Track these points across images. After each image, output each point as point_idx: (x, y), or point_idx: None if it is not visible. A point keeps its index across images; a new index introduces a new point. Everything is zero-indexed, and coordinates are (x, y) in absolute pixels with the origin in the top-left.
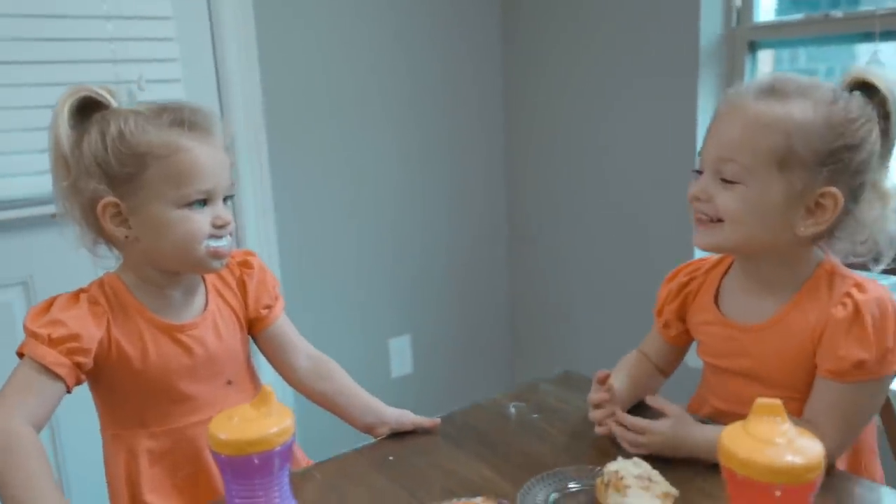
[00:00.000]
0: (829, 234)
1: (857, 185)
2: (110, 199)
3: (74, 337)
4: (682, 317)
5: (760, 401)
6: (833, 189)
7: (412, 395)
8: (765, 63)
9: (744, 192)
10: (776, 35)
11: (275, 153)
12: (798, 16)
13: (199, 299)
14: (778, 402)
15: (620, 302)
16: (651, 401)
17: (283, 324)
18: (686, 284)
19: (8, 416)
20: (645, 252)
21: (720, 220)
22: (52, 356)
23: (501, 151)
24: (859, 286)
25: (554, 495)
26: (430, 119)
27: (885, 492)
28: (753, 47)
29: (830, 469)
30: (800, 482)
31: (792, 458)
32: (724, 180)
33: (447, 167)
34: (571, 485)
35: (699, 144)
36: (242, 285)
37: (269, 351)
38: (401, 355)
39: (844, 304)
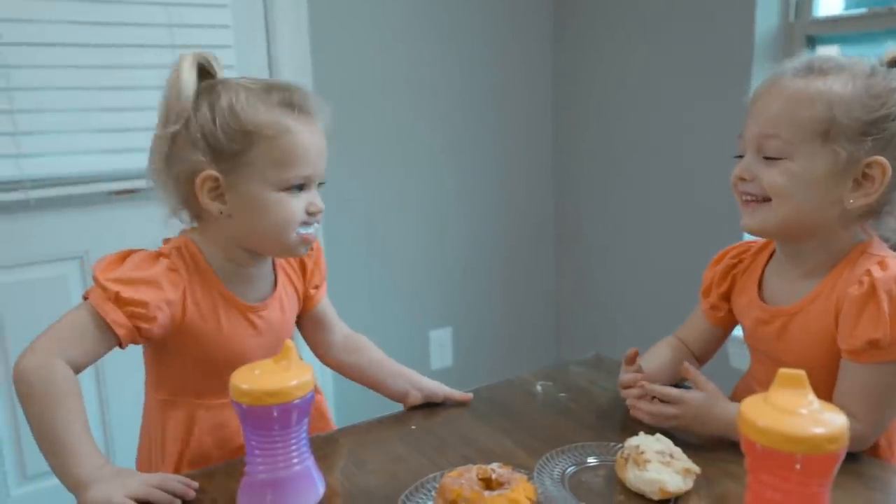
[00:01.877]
0: (877, 209)
1: None
2: (212, 172)
3: (142, 304)
4: (728, 298)
5: (783, 371)
6: (880, 158)
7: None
8: None
9: (789, 167)
10: (836, 30)
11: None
12: (860, 10)
13: (270, 277)
14: (801, 372)
15: (667, 302)
16: (687, 371)
17: (326, 303)
18: (734, 266)
19: (52, 353)
20: (693, 253)
21: (767, 200)
22: (114, 314)
23: (550, 148)
24: (882, 263)
25: (572, 468)
26: (479, 114)
27: None
28: (812, 42)
29: (859, 454)
30: (821, 453)
31: (813, 428)
32: (768, 158)
33: (495, 162)
34: (591, 459)
35: None
36: (303, 264)
37: (309, 329)
38: (441, 347)
39: (861, 282)
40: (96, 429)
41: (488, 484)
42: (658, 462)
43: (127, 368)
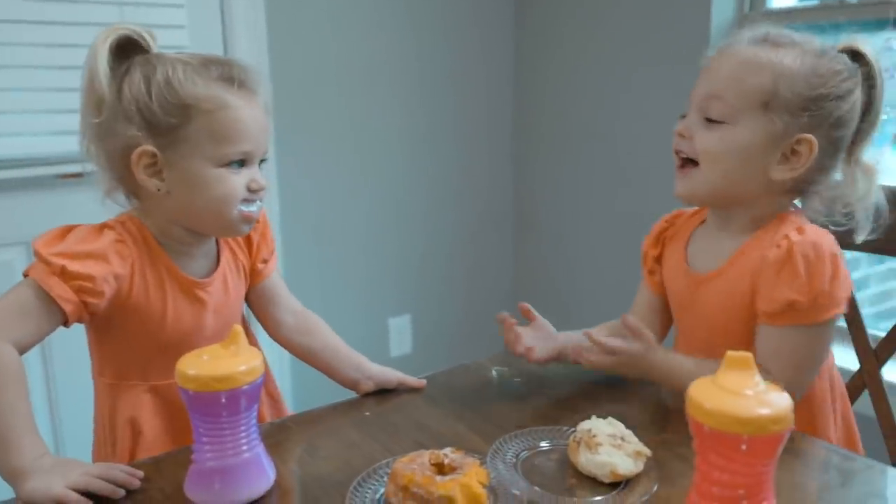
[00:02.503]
0: (802, 188)
1: (835, 139)
2: (148, 147)
3: (89, 278)
4: (660, 261)
5: (731, 354)
6: (809, 136)
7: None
8: None
9: (726, 133)
10: (790, 21)
11: (280, 130)
12: (813, 2)
13: (212, 253)
14: (748, 354)
15: (623, 290)
16: (626, 321)
17: (275, 278)
18: (665, 230)
19: None
20: None
21: (696, 164)
22: (60, 288)
23: (509, 136)
24: (800, 229)
25: (525, 453)
26: (438, 99)
27: (851, 456)
28: None
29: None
30: (765, 434)
31: (758, 410)
32: (709, 120)
33: (454, 149)
34: (543, 443)
35: None
36: (248, 239)
37: (258, 305)
38: (400, 335)
39: (779, 246)
40: (43, 415)
41: (440, 469)
42: (609, 445)
43: (78, 348)
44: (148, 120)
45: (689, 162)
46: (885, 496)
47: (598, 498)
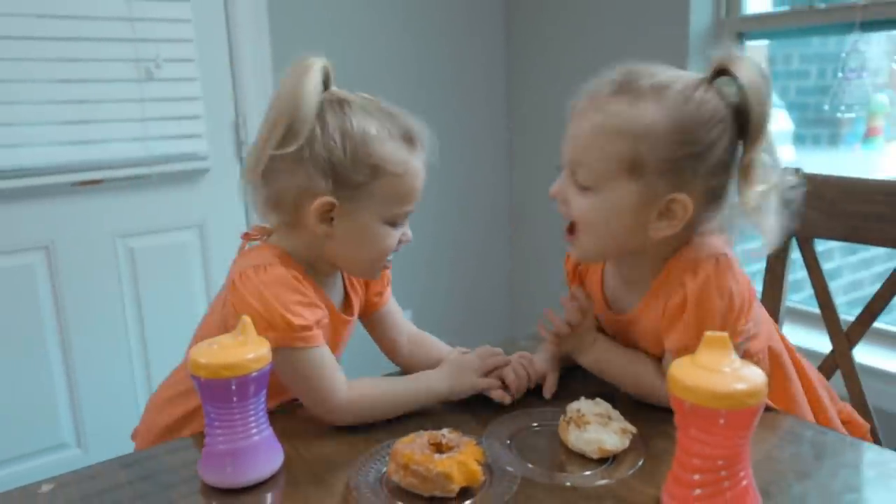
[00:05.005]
0: (689, 234)
1: (713, 187)
2: (328, 199)
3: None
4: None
5: (709, 334)
6: (681, 196)
7: None
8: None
9: (595, 199)
10: (764, 26)
11: None
12: (784, 7)
13: (340, 284)
14: (725, 335)
15: None
16: (572, 291)
17: (390, 306)
18: (577, 265)
19: (340, 388)
20: None
21: (576, 228)
22: (321, 338)
23: (506, 135)
24: (694, 270)
25: (519, 432)
26: (435, 102)
27: (823, 430)
28: (742, 38)
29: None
30: (742, 407)
31: (735, 385)
32: (579, 184)
33: (451, 150)
34: (535, 423)
35: None
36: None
37: (375, 330)
38: None
39: (675, 293)
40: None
41: (438, 448)
42: (597, 423)
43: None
44: (337, 172)
45: (573, 225)
46: (855, 466)
47: (588, 473)
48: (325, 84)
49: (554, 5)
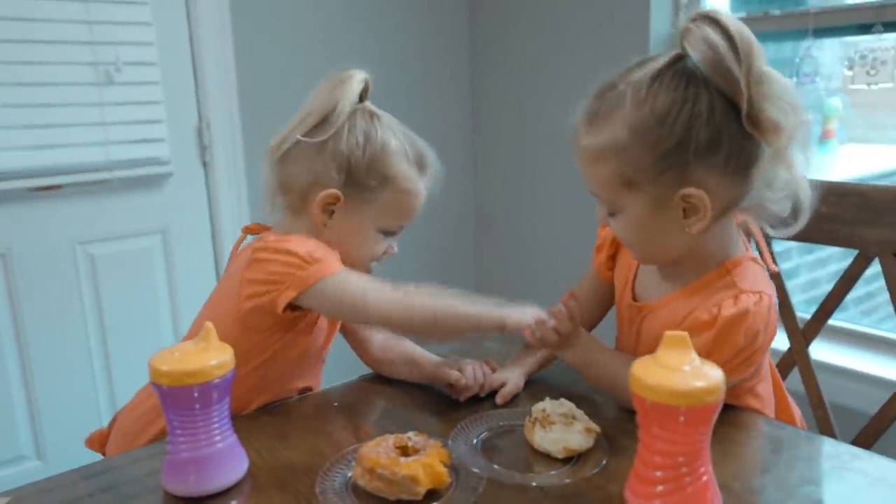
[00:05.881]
0: (730, 212)
1: (720, 163)
2: (336, 192)
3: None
4: (614, 258)
5: (669, 333)
6: (688, 189)
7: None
8: None
9: (620, 220)
10: None
11: (248, 136)
12: (740, 13)
13: None
14: (685, 334)
15: None
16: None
17: None
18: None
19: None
20: None
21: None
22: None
23: (469, 140)
24: (737, 298)
25: (485, 433)
26: (399, 104)
27: (780, 425)
28: None
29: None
30: (701, 404)
31: (694, 382)
32: (606, 210)
33: None
34: (501, 424)
35: None
36: None
37: (348, 331)
38: None
39: (710, 312)
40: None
41: (405, 451)
42: (562, 423)
43: None
44: (352, 171)
45: None
46: (811, 459)
47: (553, 472)
48: (363, 96)
49: (517, 7)
